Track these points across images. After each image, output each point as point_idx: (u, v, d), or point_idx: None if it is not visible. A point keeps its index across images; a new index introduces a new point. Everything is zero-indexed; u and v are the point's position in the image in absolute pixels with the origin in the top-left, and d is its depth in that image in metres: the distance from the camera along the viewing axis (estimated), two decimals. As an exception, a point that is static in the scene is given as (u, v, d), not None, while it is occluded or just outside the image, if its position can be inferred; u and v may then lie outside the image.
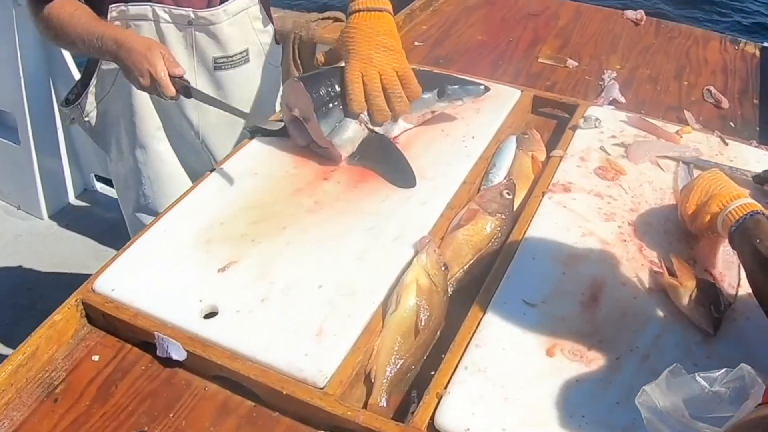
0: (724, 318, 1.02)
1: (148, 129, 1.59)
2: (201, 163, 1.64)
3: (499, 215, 1.20)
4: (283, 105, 1.35)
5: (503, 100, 1.54)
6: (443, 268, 1.08)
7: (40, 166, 2.73)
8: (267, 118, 1.28)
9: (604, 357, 0.97)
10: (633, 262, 1.13)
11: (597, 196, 1.27)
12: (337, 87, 1.31)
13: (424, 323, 1.01)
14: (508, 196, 1.24)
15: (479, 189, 1.32)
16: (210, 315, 1.01)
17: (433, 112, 1.43)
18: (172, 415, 0.92)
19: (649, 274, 1.11)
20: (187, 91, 1.34)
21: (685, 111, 1.64)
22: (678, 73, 1.83)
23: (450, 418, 0.88)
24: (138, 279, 1.06)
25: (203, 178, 1.29)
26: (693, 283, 1.04)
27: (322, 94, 1.30)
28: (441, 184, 1.28)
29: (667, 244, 1.17)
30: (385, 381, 0.96)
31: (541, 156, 1.40)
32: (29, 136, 2.64)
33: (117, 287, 1.04)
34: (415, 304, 1.02)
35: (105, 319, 1.03)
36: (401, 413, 0.94)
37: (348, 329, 0.99)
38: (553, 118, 1.58)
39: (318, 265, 1.09)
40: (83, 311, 1.04)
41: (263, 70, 1.64)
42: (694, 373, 0.81)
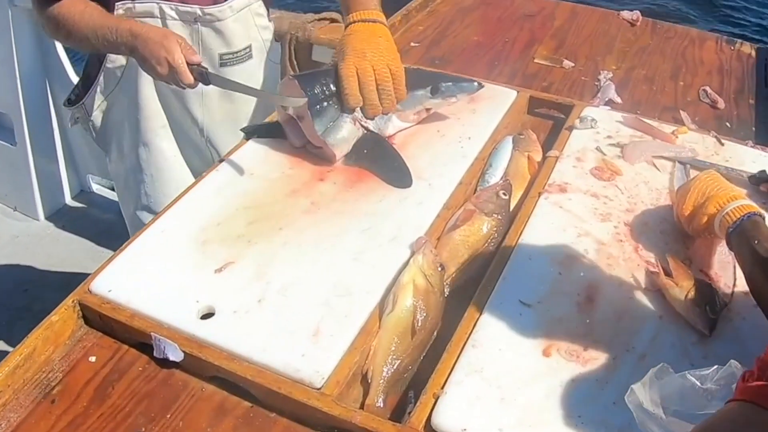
0: (719, 318, 1.02)
1: (153, 127, 1.59)
2: (203, 162, 1.64)
3: (495, 216, 1.20)
4: (278, 105, 1.35)
5: (499, 101, 1.54)
6: (440, 269, 1.08)
7: (37, 168, 2.72)
8: (288, 97, 1.28)
9: (600, 357, 0.97)
10: (629, 263, 1.13)
11: (593, 196, 1.28)
12: (332, 86, 1.32)
13: (420, 324, 1.01)
14: (504, 197, 1.24)
15: (476, 189, 1.32)
16: (207, 316, 1.01)
17: (427, 110, 1.43)
18: (169, 415, 0.92)
19: (645, 275, 1.11)
20: (204, 78, 1.32)
21: (681, 111, 1.64)
22: (674, 74, 1.84)
23: (447, 419, 0.89)
24: (135, 280, 1.06)
25: (200, 179, 1.29)
26: (689, 283, 1.05)
27: (316, 92, 1.30)
28: (437, 185, 1.28)
29: (663, 245, 1.17)
30: (382, 381, 0.96)
31: (537, 156, 1.40)
32: (25, 138, 2.64)
33: (114, 288, 1.04)
34: (411, 305, 1.02)
35: (102, 320, 1.03)
36: (398, 413, 0.94)
37: (345, 330, 0.99)
38: (549, 119, 1.58)
39: (314, 266, 1.10)
40: (80, 312, 1.04)
41: (264, 66, 1.65)
42: (684, 371, 0.81)
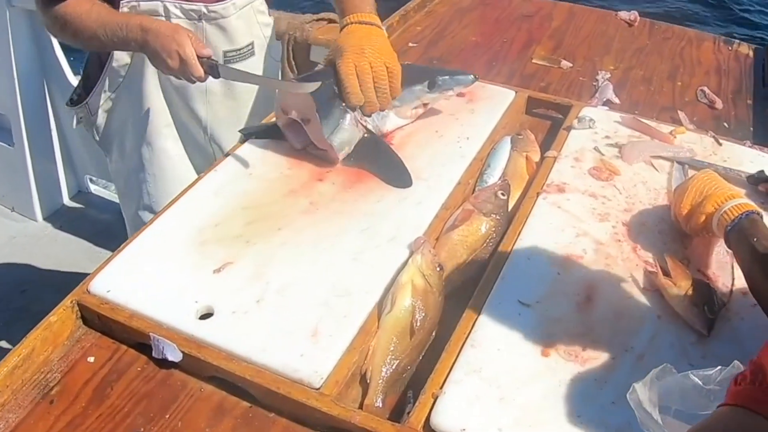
0: (718, 318, 1.02)
1: (157, 126, 1.59)
2: (206, 160, 1.64)
3: (493, 216, 1.20)
4: (278, 108, 1.34)
5: (497, 101, 1.54)
6: (438, 269, 1.08)
7: (35, 168, 2.72)
8: (302, 83, 1.28)
9: (599, 357, 0.97)
10: (627, 262, 1.14)
11: (591, 196, 1.28)
12: (335, 87, 1.31)
13: (419, 324, 1.01)
14: (502, 197, 1.24)
15: (474, 190, 1.32)
16: (205, 316, 1.01)
17: (425, 105, 1.43)
18: (168, 416, 0.92)
19: (644, 274, 1.11)
20: (214, 71, 1.33)
21: (678, 111, 1.64)
22: (672, 74, 1.84)
23: (446, 419, 0.88)
24: (133, 280, 1.06)
25: (198, 180, 1.29)
26: (687, 283, 1.05)
27: (321, 94, 1.29)
28: (436, 185, 1.28)
29: (661, 244, 1.17)
30: (380, 381, 0.96)
31: (536, 157, 1.41)
32: (23, 138, 2.64)
33: (112, 288, 1.04)
34: (410, 305, 1.02)
35: (100, 321, 1.02)
36: (397, 413, 0.94)
37: (343, 330, 0.99)
38: (547, 119, 1.58)
39: (313, 266, 1.09)
40: (78, 312, 1.04)
41: (266, 63, 1.65)
42: (687, 371, 0.81)
